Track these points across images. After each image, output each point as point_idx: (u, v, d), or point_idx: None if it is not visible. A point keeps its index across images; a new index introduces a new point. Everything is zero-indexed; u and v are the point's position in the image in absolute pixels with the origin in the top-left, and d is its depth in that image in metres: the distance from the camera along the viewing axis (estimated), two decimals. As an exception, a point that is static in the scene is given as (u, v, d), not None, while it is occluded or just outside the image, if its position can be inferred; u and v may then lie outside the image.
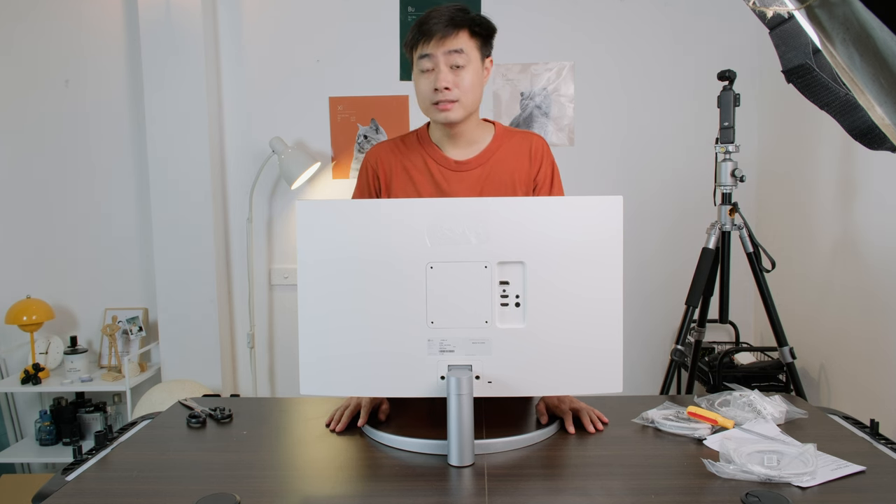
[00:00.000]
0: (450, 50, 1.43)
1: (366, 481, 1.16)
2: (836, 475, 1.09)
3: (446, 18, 1.42)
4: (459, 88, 1.44)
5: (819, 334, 2.46)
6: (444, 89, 1.43)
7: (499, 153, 1.54)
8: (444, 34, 1.42)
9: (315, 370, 1.23)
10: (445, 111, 1.45)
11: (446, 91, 1.43)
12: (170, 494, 1.09)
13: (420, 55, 1.45)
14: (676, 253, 2.93)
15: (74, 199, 3.02)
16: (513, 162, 1.54)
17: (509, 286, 1.20)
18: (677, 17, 2.90)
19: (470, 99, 1.47)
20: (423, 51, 1.44)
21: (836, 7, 0.72)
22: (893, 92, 0.73)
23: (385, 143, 1.61)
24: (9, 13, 2.94)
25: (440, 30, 1.42)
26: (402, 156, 1.56)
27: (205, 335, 2.91)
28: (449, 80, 1.43)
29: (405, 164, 1.55)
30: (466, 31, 1.44)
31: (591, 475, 1.14)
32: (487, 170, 1.53)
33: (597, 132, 2.96)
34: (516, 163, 1.54)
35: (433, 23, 1.43)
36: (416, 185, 1.54)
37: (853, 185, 2.25)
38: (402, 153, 1.57)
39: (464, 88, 1.45)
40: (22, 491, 2.59)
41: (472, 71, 1.45)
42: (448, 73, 1.43)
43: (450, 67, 1.44)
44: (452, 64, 1.43)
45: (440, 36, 1.42)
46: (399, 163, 1.56)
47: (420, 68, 1.46)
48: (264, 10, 2.95)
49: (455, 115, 1.46)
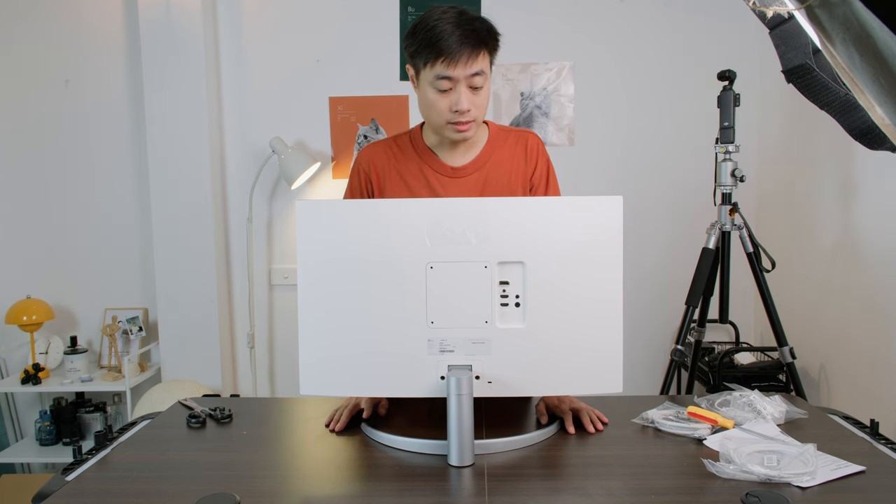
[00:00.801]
0: (473, 73, 1.37)
1: (366, 481, 1.16)
2: (836, 475, 1.09)
3: (473, 39, 1.35)
4: (477, 108, 1.40)
5: (819, 334, 2.46)
6: (465, 112, 1.39)
7: (495, 156, 1.52)
8: (471, 56, 1.35)
9: (315, 370, 1.23)
10: (464, 132, 1.41)
11: (467, 113, 1.39)
12: (170, 494, 1.09)
13: (439, 75, 1.37)
14: (676, 253, 2.93)
15: (74, 200, 3.02)
16: (509, 164, 1.52)
17: (509, 286, 1.20)
18: (677, 17, 2.90)
19: (483, 113, 1.44)
20: (444, 72, 1.36)
21: (836, 7, 0.72)
22: (893, 92, 0.73)
23: (377, 144, 1.56)
24: (9, 13, 2.94)
25: (467, 50, 1.34)
26: (396, 160, 1.52)
27: (205, 335, 2.91)
28: (470, 102, 1.38)
29: (399, 168, 1.52)
30: (485, 50, 1.39)
31: (591, 475, 1.14)
32: (484, 174, 1.51)
33: (597, 132, 2.96)
34: (513, 165, 1.52)
35: (457, 42, 1.34)
36: (412, 190, 1.50)
37: (853, 185, 2.25)
38: (397, 157, 1.53)
39: (480, 107, 1.41)
40: (22, 491, 2.59)
41: (486, 88, 1.42)
42: (469, 94, 1.38)
43: (469, 89, 1.38)
44: (473, 85, 1.38)
45: (466, 59, 1.35)
46: (393, 167, 1.52)
47: (437, 88, 1.38)
48: (264, 10, 2.95)
49: (471, 133, 1.43)
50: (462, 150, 1.51)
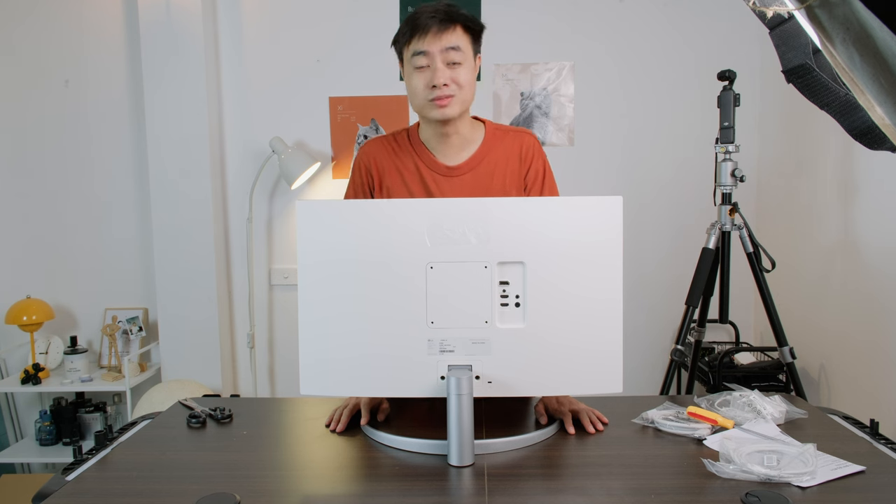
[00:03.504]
0: (447, 47, 1.39)
1: (366, 481, 1.16)
2: (835, 475, 1.09)
3: (442, 13, 1.39)
4: (457, 84, 1.41)
5: (819, 334, 2.46)
6: (442, 86, 1.40)
7: (490, 156, 1.52)
8: (441, 29, 1.39)
9: (315, 370, 1.23)
10: (443, 107, 1.41)
11: (444, 87, 1.40)
12: (170, 494, 1.09)
13: (414, 52, 1.41)
14: (676, 253, 2.93)
15: (74, 200, 3.02)
16: (504, 165, 1.52)
17: (509, 286, 1.20)
18: (677, 17, 2.90)
19: (466, 95, 1.44)
20: (418, 47, 1.40)
21: (836, 7, 0.72)
22: (893, 92, 0.73)
23: (377, 140, 1.57)
24: (9, 13, 2.94)
25: (436, 24, 1.38)
26: (394, 156, 1.54)
27: (205, 335, 2.91)
28: (447, 77, 1.40)
29: (397, 164, 1.53)
30: (461, 27, 1.41)
31: (591, 475, 1.14)
32: (478, 174, 1.51)
33: (597, 132, 2.96)
34: (507, 165, 1.52)
35: (427, 17, 1.39)
36: (409, 187, 1.51)
37: (853, 185, 2.25)
38: (395, 153, 1.54)
39: (461, 84, 1.42)
40: (22, 491, 2.59)
41: (467, 68, 1.43)
42: (445, 69, 1.40)
43: (446, 64, 1.40)
44: (449, 61, 1.40)
45: (436, 31, 1.38)
46: (392, 163, 1.53)
47: (414, 65, 1.42)
48: (264, 10, 2.95)
49: (452, 110, 1.42)
50: (457, 149, 1.51)
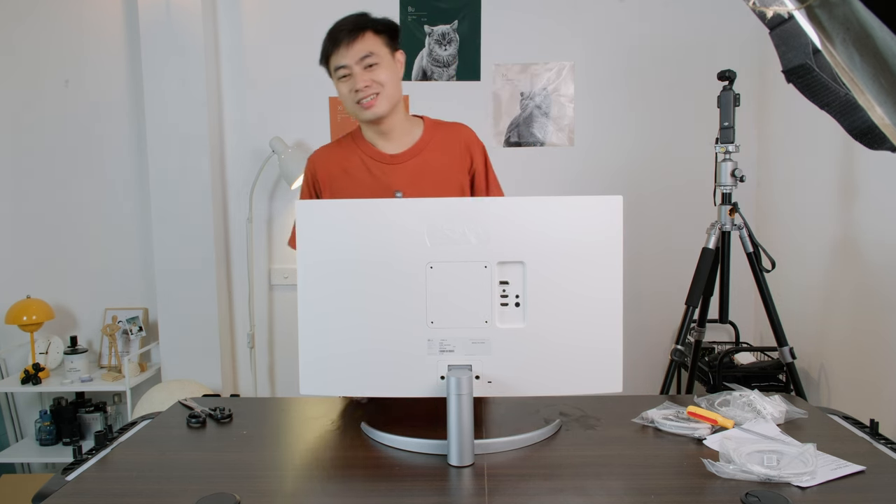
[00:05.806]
0: (360, 56, 1.56)
1: (366, 481, 1.16)
2: (835, 475, 1.09)
3: (350, 24, 1.57)
4: (378, 83, 1.57)
5: (819, 334, 2.46)
6: (363, 88, 1.56)
7: (430, 145, 1.65)
8: (351, 39, 1.55)
9: (315, 370, 1.23)
10: (370, 107, 1.57)
11: (366, 89, 1.56)
12: (170, 494, 1.09)
13: (335, 67, 1.59)
14: (676, 253, 2.92)
15: (74, 200, 3.02)
16: (445, 155, 1.65)
17: (509, 286, 1.20)
18: (677, 17, 2.89)
19: (391, 91, 1.59)
20: (337, 62, 1.58)
21: (836, 7, 0.72)
22: (893, 92, 0.73)
23: (323, 148, 1.73)
24: (9, 14, 2.94)
25: (345, 37, 1.55)
26: (340, 158, 1.67)
27: (205, 335, 2.91)
28: (366, 79, 1.56)
29: (344, 165, 1.66)
30: (370, 32, 1.57)
31: (591, 475, 1.14)
32: (420, 161, 1.63)
33: (597, 132, 2.96)
34: (449, 156, 1.65)
35: (338, 32, 1.57)
36: (357, 182, 1.63)
37: (853, 186, 2.25)
38: (340, 155, 1.67)
39: (383, 82, 1.57)
40: (22, 491, 2.59)
41: (384, 67, 1.58)
42: (363, 73, 1.56)
43: (363, 69, 1.56)
44: (366, 65, 1.56)
45: (348, 42, 1.55)
46: (337, 165, 1.66)
47: (337, 77, 1.59)
48: (264, 10, 2.95)
49: (381, 108, 1.58)
50: (396, 140, 1.66)
